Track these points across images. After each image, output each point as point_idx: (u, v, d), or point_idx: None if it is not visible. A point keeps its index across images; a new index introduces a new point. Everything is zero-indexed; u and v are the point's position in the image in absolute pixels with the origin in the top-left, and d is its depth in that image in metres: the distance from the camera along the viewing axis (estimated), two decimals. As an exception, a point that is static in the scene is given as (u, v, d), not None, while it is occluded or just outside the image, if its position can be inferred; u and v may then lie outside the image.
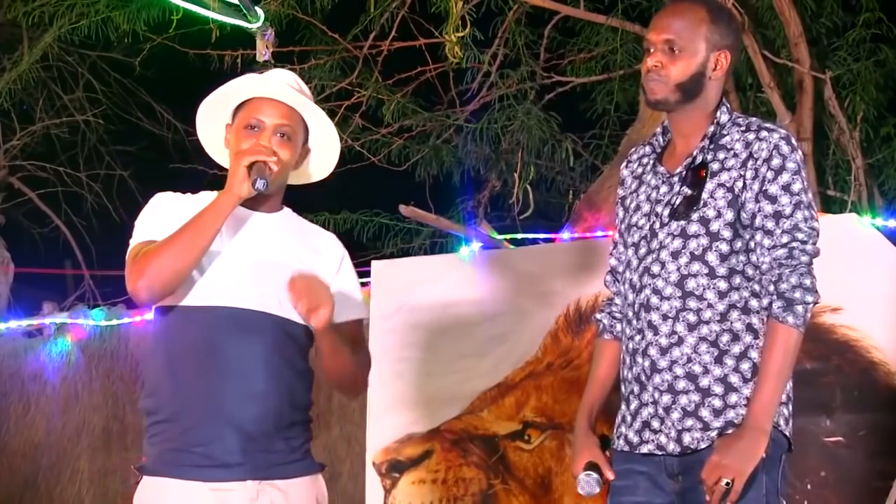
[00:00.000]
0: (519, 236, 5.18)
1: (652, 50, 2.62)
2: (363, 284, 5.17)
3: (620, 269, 2.76)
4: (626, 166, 2.81)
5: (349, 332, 2.74)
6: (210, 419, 2.55)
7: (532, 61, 6.16)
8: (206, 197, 2.68)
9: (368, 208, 6.45)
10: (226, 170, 2.78)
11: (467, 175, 6.51)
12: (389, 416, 4.74)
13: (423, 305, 4.78)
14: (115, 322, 5.94)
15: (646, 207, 2.67)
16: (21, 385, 6.06)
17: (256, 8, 5.23)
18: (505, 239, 5.02)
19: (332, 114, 6.21)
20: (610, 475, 2.63)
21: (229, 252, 2.62)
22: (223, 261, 2.61)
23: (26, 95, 7.32)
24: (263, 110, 2.67)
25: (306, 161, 2.80)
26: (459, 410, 4.67)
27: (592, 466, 2.64)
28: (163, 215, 2.64)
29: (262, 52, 5.20)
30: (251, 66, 5.65)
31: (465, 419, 4.66)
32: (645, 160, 2.76)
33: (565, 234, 5.04)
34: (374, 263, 4.98)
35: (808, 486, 4.06)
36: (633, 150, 2.83)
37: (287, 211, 2.77)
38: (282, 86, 2.70)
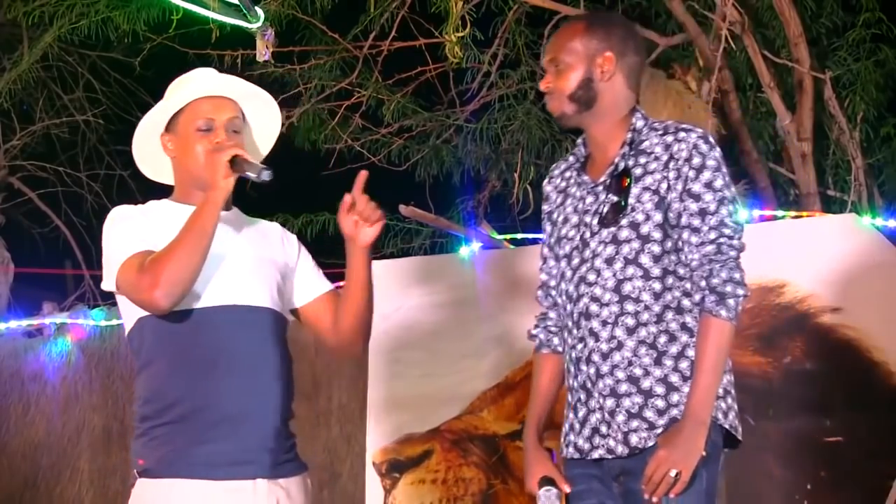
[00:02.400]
0: (519, 236, 5.18)
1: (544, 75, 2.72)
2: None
3: (552, 282, 2.81)
4: (549, 182, 2.87)
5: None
6: (223, 417, 2.56)
7: (532, 61, 6.15)
8: (162, 206, 2.71)
9: (368, 208, 6.43)
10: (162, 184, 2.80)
11: (467, 175, 6.51)
12: (389, 416, 4.74)
13: (422, 305, 4.79)
14: (115, 322, 5.93)
15: (574, 219, 2.72)
16: (21, 385, 6.05)
17: (256, 8, 5.22)
18: (505, 239, 5.02)
19: (332, 114, 6.23)
20: (566, 488, 2.68)
21: (210, 253, 2.62)
22: (207, 262, 2.60)
23: (26, 95, 7.31)
24: (209, 110, 2.68)
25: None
26: (459, 410, 4.67)
27: (549, 481, 2.68)
28: (141, 225, 2.64)
29: (262, 52, 5.20)
30: (251, 65, 5.65)
31: (465, 419, 4.66)
32: (567, 174, 2.82)
33: (565, 234, 5.03)
34: (374, 263, 4.96)
35: (808, 487, 4.07)
36: (555, 165, 2.90)
37: (236, 209, 2.79)
38: (223, 82, 2.73)
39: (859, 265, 4.13)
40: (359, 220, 2.69)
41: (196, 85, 2.72)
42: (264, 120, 2.83)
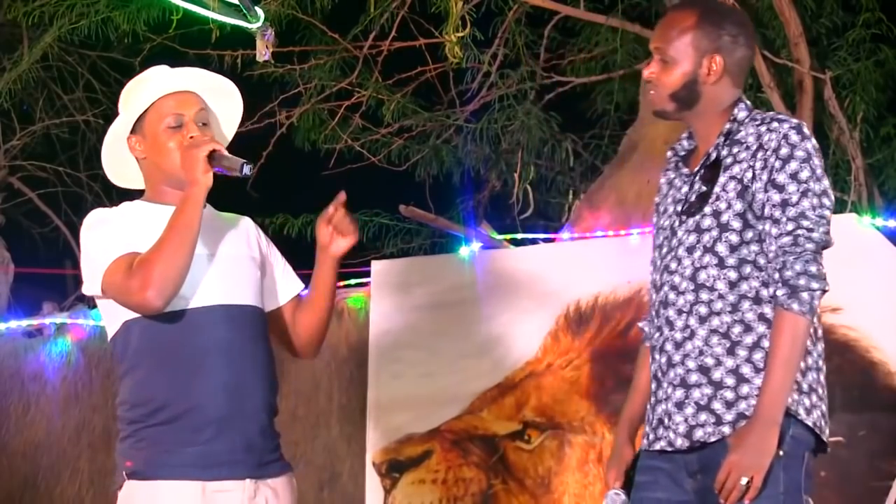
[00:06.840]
0: (519, 236, 5.18)
1: (650, 59, 2.66)
2: (363, 285, 5.19)
3: (656, 275, 2.75)
4: (664, 174, 2.81)
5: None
6: (211, 418, 2.56)
7: (532, 61, 6.15)
8: (136, 207, 2.70)
9: (368, 208, 6.44)
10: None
11: (467, 175, 6.51)
12: (389, 416, 4.74)
13: (423, 305, 4.79)
14: (114, 322, 5.92)
15: (670, 209, 2.69)
16: (21, 385, 6.05)
17: (256, 8, 5.21)
18: (505, 239, 5.02)
19: (332, 114, 6.23)
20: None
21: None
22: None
23: (26, 95, 7.29)
24: (175, 106, 2.68)
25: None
26: (459, 410, 4.67)
27: (623, 484, 2.67)
28: (120, 228, 2.63)
29: (262, 52, 5.19)
30: (251, 66, 5.65)
31: (465, 419, 4.66)
32: (674, 164, 2.78)
33: (565, 235, 5.04)
34: (374, 263, 4.98)
35: (808, 487, 4.06)
36: (671, 154, 2.84)
37: (208, 206, 2.76)
38: (183, 77, 2.74)
39: (859, 265, 4.13)
40: (333, 230, 2.71)
41: (156, 83, 2.71)
42: (226, 108, 2.82)
